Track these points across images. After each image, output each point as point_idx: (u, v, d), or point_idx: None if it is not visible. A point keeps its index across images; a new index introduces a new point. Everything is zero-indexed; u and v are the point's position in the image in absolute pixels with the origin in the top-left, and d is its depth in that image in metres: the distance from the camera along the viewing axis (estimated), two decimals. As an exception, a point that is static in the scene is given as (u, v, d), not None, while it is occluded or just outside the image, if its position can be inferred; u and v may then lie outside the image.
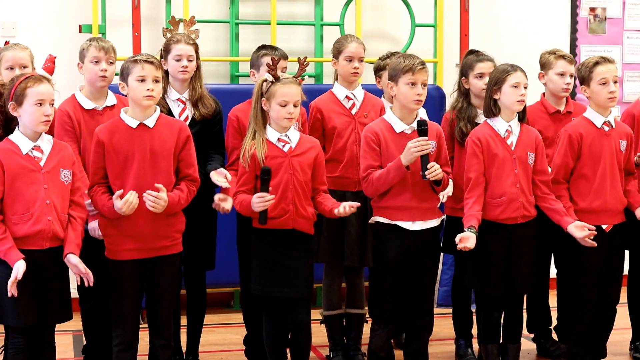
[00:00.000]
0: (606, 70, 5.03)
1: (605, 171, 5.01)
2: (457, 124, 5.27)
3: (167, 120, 4.66)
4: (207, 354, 5.22)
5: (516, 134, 4.96)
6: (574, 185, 5.05)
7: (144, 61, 4.53)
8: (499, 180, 4.90)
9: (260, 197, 4.62)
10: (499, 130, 4.95)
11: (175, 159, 4.61)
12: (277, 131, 4.78)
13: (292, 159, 4.74)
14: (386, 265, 4.90)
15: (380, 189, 4.84)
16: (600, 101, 5.05)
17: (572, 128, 5.08)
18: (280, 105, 4.70)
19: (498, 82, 4.94)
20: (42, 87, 4.35)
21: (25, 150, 4.36)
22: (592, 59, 5.10)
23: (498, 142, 4.92)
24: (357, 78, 5.37)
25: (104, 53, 4.97)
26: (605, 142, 5.04)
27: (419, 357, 5.01)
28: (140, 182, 4.51)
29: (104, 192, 4.55)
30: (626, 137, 5.13)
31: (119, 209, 4.44)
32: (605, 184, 5.01)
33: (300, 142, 4.80)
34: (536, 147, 5.00)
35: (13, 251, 4.25)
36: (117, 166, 4.53)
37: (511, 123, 4.96)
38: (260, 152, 4.71)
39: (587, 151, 5.02)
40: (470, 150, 4.94)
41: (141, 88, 4.51)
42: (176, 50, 5.08)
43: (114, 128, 4.58)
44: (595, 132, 5.04)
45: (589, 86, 5.06)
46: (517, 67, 5.00)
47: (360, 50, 5.36)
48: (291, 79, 4.78)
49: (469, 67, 5.37)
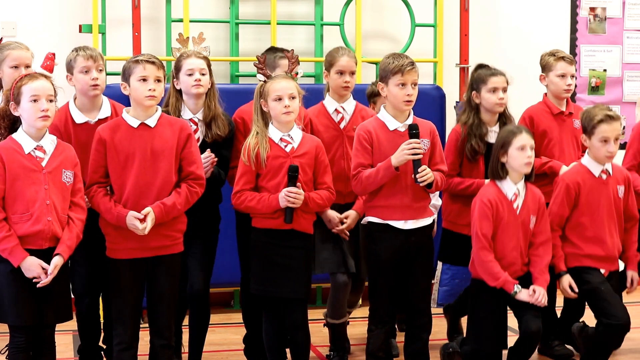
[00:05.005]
0: (609, 130, 4.99)
1: (603, 220, 5.04)
2: (469, 140, 5.26)
3: (168, 120, 4.66)
4: (207, 354, 5.21)
5: (522, 197, 4.95)
6: (572, 232, 5.07)
7: (145, 61, 4.53)
8: (500, 243, 4.91)
9: (292, 191, 4.64)
10: (507, 194, 4.93)
11: (177, 158, 4.61)
12: (280, 130, 4.79)
13: (294, 160, 4.75)
14: (380, 265, 4.90)
15: (369, 188, 4.85)
16: (598, 157, 5.06)
17: (569, 177, 5.08)
18: (275, 101, 4.72)
19: (504, 145, 4.91)
20: (36, 84, 4.34)
21: (28, 149, 4.37)
22: (598, 114, 5.01)
23: (505, 205, 4.91)
24: (347, 92, 5.32)
25: (92, 61, 4.89)
26: (603, 191, 5.06)
27: (420, 357, 5.01)
28: (141, 182, 4.53)
29: (105, 194, 4.56)
30: (623, 182, 5.15)
31: (133, 227, 4.47)
32: (602, 233, 5.04)
33: (302, 142, 4.81)
34: (539, 209, 4.98)
35: (18, 249, 4.27)
36: (117, 165, 4.54)
37: (518, 186, 4.94)
38: (263, 152, 4.72)
39: (585, 200, 5.04)
40: (481, 212, 4.88)
41: (143, 88, 4.52)
42: (187, 64, 4.94)
43: (116, 127, 4.59)
44: (592, 180, 5.06)
45: (589, 138, 5.04)
46: (522, 128, 4.97)
47: (352, 64, 5.29)
48: (283, 74, 4.82)
49: (482, 81, 5.32)
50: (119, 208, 4.52)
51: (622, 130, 7.67)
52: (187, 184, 4.63)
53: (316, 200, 4.80)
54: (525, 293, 4.84)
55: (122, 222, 4.51)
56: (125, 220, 4.50)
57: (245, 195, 4.77)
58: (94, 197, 4.57)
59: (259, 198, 4.74)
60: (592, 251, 5.04)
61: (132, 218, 4.49)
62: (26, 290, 4.30)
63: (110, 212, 4.53)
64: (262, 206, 4.73)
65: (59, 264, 4.34)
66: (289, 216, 4.69)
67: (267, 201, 4.72)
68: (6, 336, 4.45)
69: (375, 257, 4.92)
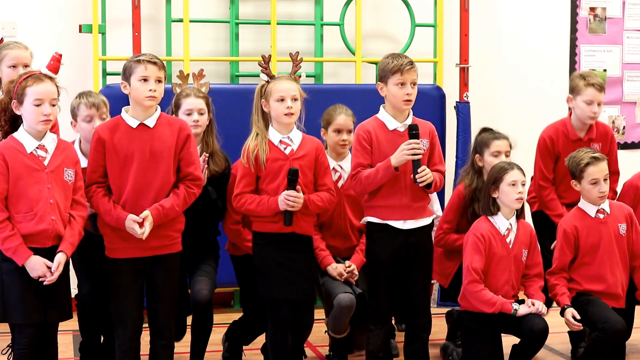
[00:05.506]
0: (597, 171, 5.05)
1: (604, 259, 5.07)
2: (471, 204, 5.23)
3: (167, 120, 4.65)
4: (207, 354, 5.21)
5: (514, 232, 5.00)
6: (577, 271, 5.11)
7: (147, 61, 4.52)
8: (493, 277, 4.94)
9: (291, 194, 4.64)
10: (500, 228, 4.98)
11: (175, 159, 4.60)
12: (280, 132, 4.78)
13: (294, 162, 4.74)
14: (379, 265, 4.91)
15: (368, 188, 4.86)
16: (591, 199, 5.10)
17: (567, 222, 5.13)
18: (277, 102, 4.72)
19: (496, 180, 4.96)
20: (40, 87, 4.34)
21: (30, 149, 4.37)
22: (584, 157, 5.07)
23: (498, 240, 4.96)
24: (345, 150, 5.34)
25: (95, 110, 4.92)
26: (603, 230, 5.09)
27: (420, 357, 5.01)
28: (140, 182, 4.52)
29: (104, 195, 4.56)
30: (625, 219, 5.16)
31: (131, 231, 4.48)
32: (604, 271, 5.06)
33: (302, 144, 4.81)
34: (530, 243, 5.05)
35: (22, 248, 4.28)
36: (116, 165, 4.54)
37: (511, 221, 4.99)
38: (263, 154, 4.72)
39: (584, 242, 5.09)
40: (474, 245, 4.93)
41: (143, 88, 4.50)
42: (186, 104, 5.00)
43: (115, 127, 4.57)
44: (590, 222, 5.10)
45: (579, 182, 5.10)
46: (514, 165, 5.01)
47: (349, 122, 5.31)
48: (286, 76, 4.83)
49: (485, 145, 5.33)
50: (118, 210, 4.52)
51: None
52: (185, 185, 4.62)
53: (316, 202, 4.80)
54: (524, 308, 4.88)
55: (121, 225, 4.51)
56: (124, 223, 4.50)
57: (246, 198, 4.77)
58: (93, 197, 4.56)
59: (259, 201, 4.74)
60: (591, 287, 5.06)
61: (131, 222, 4.49)
62: (32, 288, 4.31)
63: (110, 214, 4.53)
64: (262, 209, 4.73)
65: (63, 261, 4.35)
66: (289, 219, 4.69)
67: (267, 204, 4.71)
68: (7, 336, 4.44)
69: (375, 257, 4.92)
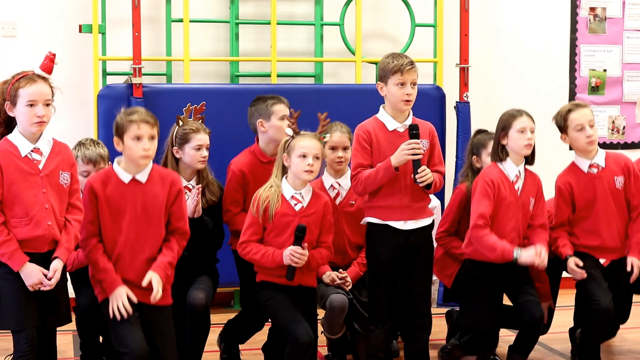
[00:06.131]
0: (580, 116, 5.08)
1: (599, 212, 5.09)
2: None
3: (159, 173, 4.55)
4: (207, 354, 5.20)
5: (522, 179, 5.01)
6: (575, 226, 5.15)
7: (140, 121, 4.42)
8: (500, 224, 4.95)
9: (297, 251, 4.64)
10: (509, 175, 4.99)
11: (166, 213, 4.52)
12: (294, 188, 4.78)
13: (302, 220, 4.73)
14: (379, 265, 4.90)
15: (369, 189, 4.85)
16: (579, 147, 5.12)
17: (561, 179, 5.17)
18: (299, 157, 4.72)
19: (505, 127, 4.98)
20: (33, 88, 4.28)
21: (25, 152, 4.30)
22: (565, 107, 5.16)
23: (507, 186, 4.96)
24: (342, 166, 5.32)
25: (92, 166, 4.98)
26: (597, 184, 5.11)
27: (420, 357, 5.00)
28: (132, 237, 4.43)
29: (104, 252, 4.43)
30: (622, 172, 5.16)
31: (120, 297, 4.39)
32: (599, 225, 5.10)
33: (311, 202, 4.81)
34: (537, 193, 5.06)
35: (17, 253, 4.22)
36: (108, 218, 4.44)
37: (520, 168, 5.00)
38: (273, 208, 4.73)
39: (579, 197, 5.12)
40: (483, 191, 4.94)
41: (137, 147, 4.41)
42: (196, 140, 5.07)
43: (107, 179, 4.47)
44: (584, 177, 5.12)
45: (567, 134, 5.12)
46: (523, 111, 5.02)
47: (345, 139, 5.30)
48: (311, 134, 4.81)
49: (482, 146, 5.34)
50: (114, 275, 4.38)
51: (622, 130, 7.68)
52: (175, 238, 4.54)
53: (317, 260, 4.81)
54: (527, 255, 4.86)
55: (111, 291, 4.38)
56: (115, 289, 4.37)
57: (251, 247, 4.78)
58: (92, 252, 4.42)
59: (264, 252, 4.74)
60: (587, 242, 5.11)
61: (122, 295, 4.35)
62: (27, 293, 4.24)
63: (106, 274, 4.39)
64: (266, 261, 4.73)
65: (59, 268, 4.28)
66: (291, 274, 4.70)
67: (272, 257, 4.72)
68: (7, 336, 4.44)
69: (375, 257, 4.92)
